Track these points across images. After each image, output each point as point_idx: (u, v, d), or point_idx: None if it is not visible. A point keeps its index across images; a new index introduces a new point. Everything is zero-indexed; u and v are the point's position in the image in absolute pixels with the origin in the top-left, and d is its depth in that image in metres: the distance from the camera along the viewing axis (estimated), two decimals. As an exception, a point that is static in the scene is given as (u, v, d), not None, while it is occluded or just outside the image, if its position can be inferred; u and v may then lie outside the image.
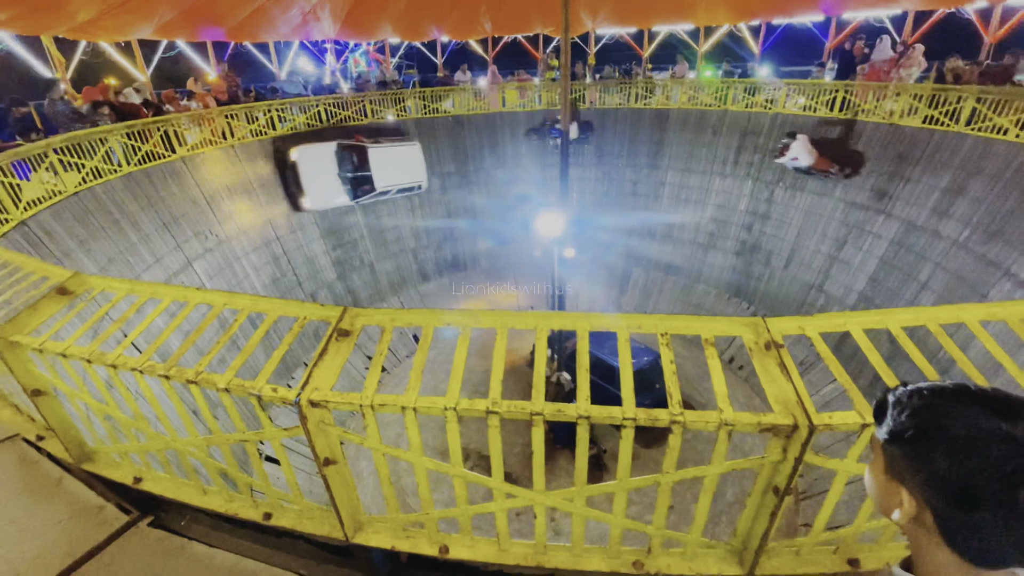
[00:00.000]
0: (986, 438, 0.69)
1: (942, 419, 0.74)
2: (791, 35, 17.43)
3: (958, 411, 0.73)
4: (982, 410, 0.72)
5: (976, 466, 0.69)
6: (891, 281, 10.19)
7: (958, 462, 0.70)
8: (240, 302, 2.17)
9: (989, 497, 0.68)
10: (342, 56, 24.31)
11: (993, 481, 0.68)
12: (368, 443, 1.83)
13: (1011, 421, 0.70)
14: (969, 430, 0.71)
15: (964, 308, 1.83)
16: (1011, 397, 0.74)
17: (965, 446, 0.70)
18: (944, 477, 0.72)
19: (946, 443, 0.72)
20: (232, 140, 10.89)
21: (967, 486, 0.70)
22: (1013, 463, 0.67)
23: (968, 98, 8.97)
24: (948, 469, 0.71)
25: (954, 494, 0.71)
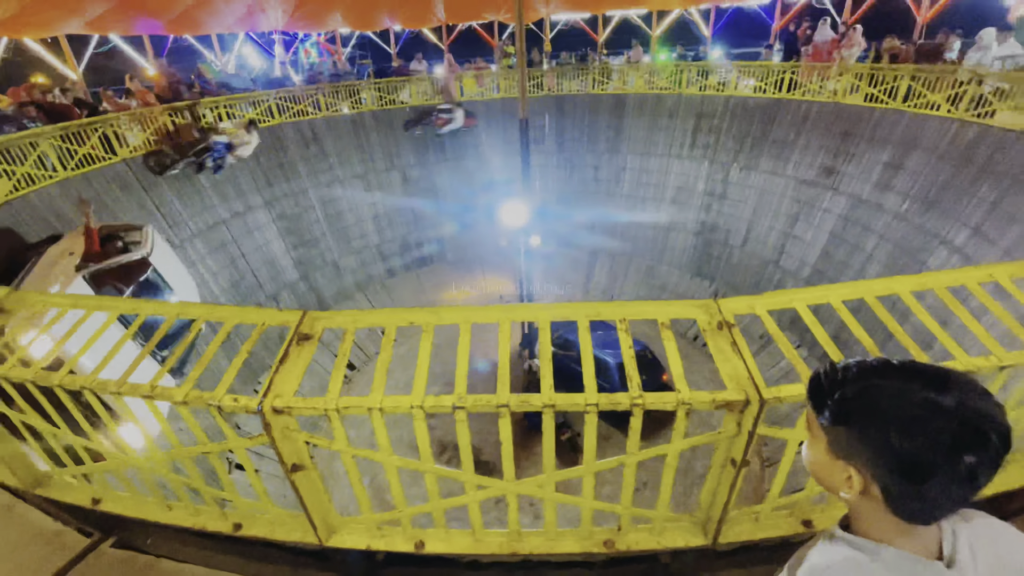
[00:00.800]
0: (925, 413, 0.75)
1: (883, 399, 0.79)
2: (740, 18, 17.85)
3: (896, 389, 0.79)
4: (915, 385, 0.78)
5: (922, 442, 0.74)
6: (841, 253, 10.70)
7: (906, 439, 0.75)
8: (194, 311, 2.10)
9: (936, 468, 0.74)
10: (291, 47, 23.46)
11: (939, 453, 0.74)
12: (336, 446, 1.82)
13: (941, 392, 0.76)
14: (910, 408, 0.76)
15: (897, 280, 1.96)
16: (935, 369, 0.81)
17: (910, 424, 0.76)
18: (893, 454, 0.77)
19: (892, 422, 0.77)
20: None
21: (915, 460, 0.75)
22: (951, 433, 0.73)
23: (904, 76, 9.43)
24: (897, 447, 0.76)
25: (903, 469, 0.77)
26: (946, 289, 1.96)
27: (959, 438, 0.73)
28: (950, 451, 0.73)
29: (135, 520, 2.30)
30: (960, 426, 0.74)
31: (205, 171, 10.43)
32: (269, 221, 12.27)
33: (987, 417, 0.74)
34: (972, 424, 0.74)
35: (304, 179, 12.91)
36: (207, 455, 2.03)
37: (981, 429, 0.73)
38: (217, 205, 11.10)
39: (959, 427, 0.74)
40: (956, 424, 0.74)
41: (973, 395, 0.76)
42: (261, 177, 12.02)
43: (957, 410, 0.74)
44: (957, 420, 0.74)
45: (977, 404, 0.75)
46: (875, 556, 0.85)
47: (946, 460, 0.74)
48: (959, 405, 0.74)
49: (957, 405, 0.74)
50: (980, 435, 0.73)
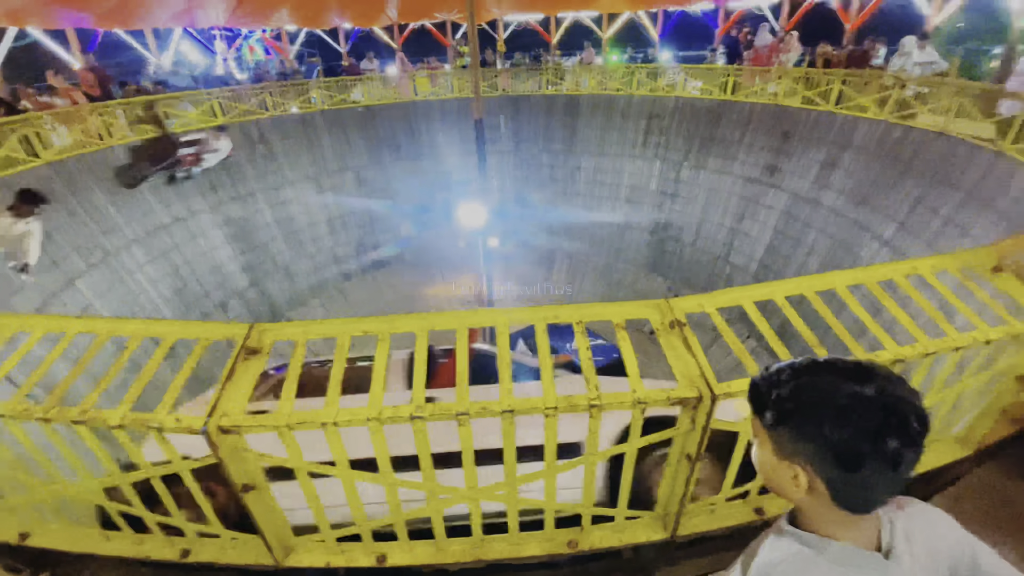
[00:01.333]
0: (852, 403, 0.81)
1: (814, 396, 0.84)
2: (685, 22, 18.46)
3: (824, 385, 0.84)
4: (840, 379, 0.84)
5: (852, 431, 0.80)
6: (784, 248, 11.26)
7: (836, 430, 0.81)
8: (129, 328, 1.97)
9: (866, 454, 0.80)
10: (234, 43, 22.47)
11: (867, 439, 0.79)
12: (289, 463, 1.75)
13: (863, 383, 0.82)
14: (837, 400, 0.82)
15: (834, 275, 2.08)
16: (857, 363, 0.87)
17: (840, 415, 0.81)
18: (829, 446, 0.82)
19: (823, 416, 0.82)
20: (112, 140, 9.74)
21: (848, 449, 0.81)
22: (875, 420, 0.79)
23: (836, 81, 10.03)
24: (831, 438, 0.81)
25: (839, 458, 0.82)
26: (876, 283, 2.10)
27: (883, 424, 0.79)
28: (876, 437, 0.79)
29: (71, 554, 2.13)
30: (883, 413, 0.79)
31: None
32: (215, 226, 11.69)
33: (905, 402, 0.80)
34: (893, 410, 0.80)
35: (251, 182, 12.38)
36: (150, 479, 1.91)
37: (901, 414, 0.79)
38: (157, 210, 10.48)
39: (882, 414, 0.79)
40: (879, 411, 0.80)
41: (891, 384, 0.82)
42: (204, 181, 11.43)
43: (879, 398, 0.80)
44: (879, 408, 0.80)
45: (895, 392, 0.81)
46: (821, 550, 0.90)
47: (873, 446, 0.79)
48: (880, 394, 0.81)
49: (878, 394, 0.81)
50: (901, 420, 0.79)
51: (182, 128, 10.87)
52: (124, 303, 9.45)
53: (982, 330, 1.91)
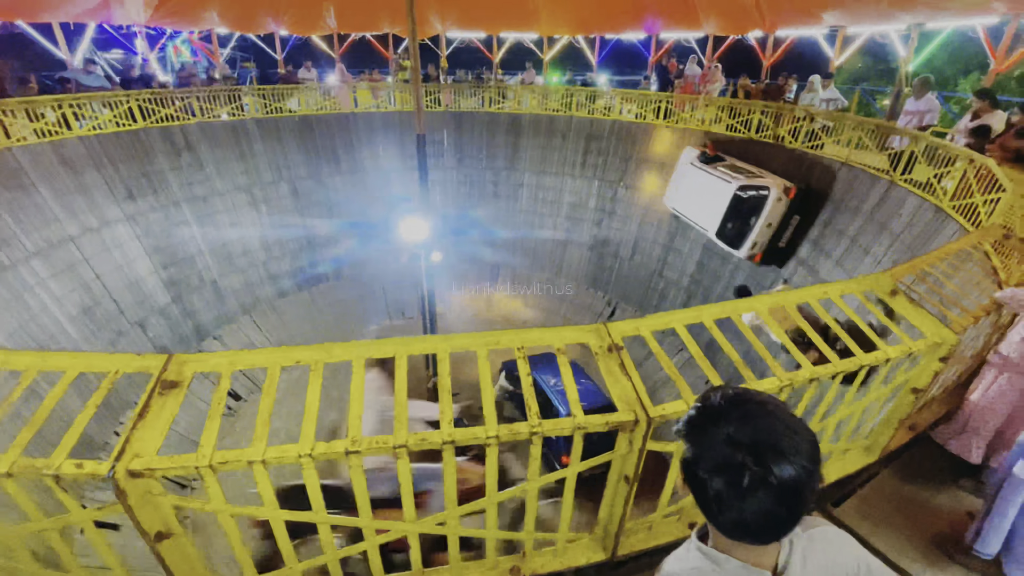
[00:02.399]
0: (714, 442, 0.85)
1: (700, 425, 0.90)
2: (621, 49, 19.40)
3: (712, 420, 0.89)
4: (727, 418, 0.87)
5: (700, 461, 0.87)
6: (713, 263, 11.95)
7: (693, 456, 0.88)
8: (21, 360, 1.76)
9: (703, 483, 0.86)
10: (158, 43, 21.08)
11: (706, 471, 0.85)
12: (211, 507, 1.62)
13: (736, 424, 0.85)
14: (709, 435, 0.87)
15: (757, 300, 2.23)
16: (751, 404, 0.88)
17: (700, 446, 0.88)
18: (684, 466, 0.91)
19: (692, 443, 0.90)
20: (8, 142, 8.78)
21: (694, 475, 0.88)
22: (720, 460, 0.84)
23: (755, 111, 10.87)
24: (686, 460, 0.90)
25: (687, 480, 0.90)
26: (794, 306, 2.27)
27: (718, 464, 0.84)
28: (708, 472, 0.85)
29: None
30: (732, 458, 0.82)
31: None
32: (132, 237, 10.78)
33: (758, 463, 0.80)
34: (739, 460, 0.81)
35: (176, 191, 11.56)
36: (44, 532, 1.70)
37: (737, 467, 0.81)
38: (62, 219, 9.52)
39: (726, 457, 0.83)
40: (730, 455, 0.83)
41: (764, 439, 0.82)
42: (121, 188, 10.55)
43: (740, 445, 0.82)
44: (735, 453, 0.82)
45: (758, 449, 0.81)
46: (719, 566, 0.95)
47: (705, 478, 0.85)
48: (743, 443, 0.82)
49: (741, 442, 0.83)
50: (734, 471, 0.82)
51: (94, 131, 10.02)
52: (20, 323, 8.45)
53: (884, 349, 2.11)
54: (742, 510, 0.82)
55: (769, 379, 1.92)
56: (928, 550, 2.38)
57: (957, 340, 2.22)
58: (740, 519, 0.84)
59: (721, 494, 0.83)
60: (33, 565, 1.77)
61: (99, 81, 12.21)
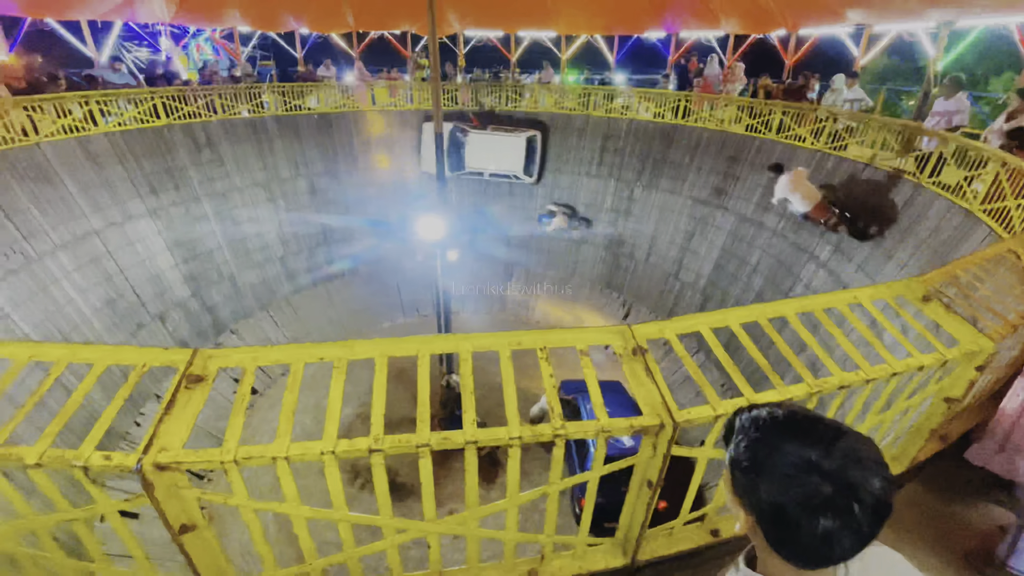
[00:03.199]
0: (801, 474, 0.79)
1: (770, 455, 0.83)
2: (640, 48, 19.24)
3: (783, 447, 0.83)
4: (800, 443, 0.82)
5: (791, 500, 0.79)
6: (731, 266, 11.79)
7: (778, 496, 0.80)
8: (52, 352, 1.79)
9: (799, 525, 0.79)
10: (181, 41, 21.47)
11: (801, 512, 0.78)
12: (234, 501, 1.63)
13: (820, 450, 0.80)
14: (788, 468, 0.80)
15: (785, 303, 2.18)
16: (821, 425, 0.85)
17: (783, 482, 0.80)
18: (766, 506, 0.83)
19: (769, 478, 0.82)
20: (37, 137, 9.00)
21: (779, 515, 0.81)
22: (817, 496, 0.78)
23: (776, 111, 10.69)
24: (769, 502, 0.82)
25: (774, 520, 0.82)
26: (823, 311, 2.21)
27: (823, 502, 0.77)
28: (811, 512, 0.78)
29: (-31, 607, 1.89)
30: (830, 490, 0.77)
31: None
32: (154, 232, 10.98)
33: (857, 487, 0.77)
34: (841, 491, 0.77)
35: (196, 186, 11.75)
36: (72, 522, 1.73)
37: (847, 497, 0.77)
38: (88, 214, 9.73)
39: (828, 491, 0.77)
40: (826, 487, 0.78)
41: (851, 464, 0.79)
42: (144, 184, 10.76)
43: (832, 476, 0.78)
44: (829, 484, 0.78)
45: (851, 474, 0.78)
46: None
47: (808, 520, 0.78)
48: (836, 471, 0.78)
49: (833, 471, 0.78)
50: (845, 503, 0.77)
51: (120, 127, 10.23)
52: (47, 314, 8.66)
53: (916, 357, 2.04)
54: (843, 540, 0.78)
55: (798, 385, 1.88)
56: (958, 564, 2.31)
57: (994, 348, 2.14)
58: (839, 550, 0.79)
59: (824, 532, 0.77)
60: (58, 553, 1.80)
61: (124, 78, 12.47)
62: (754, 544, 0.95)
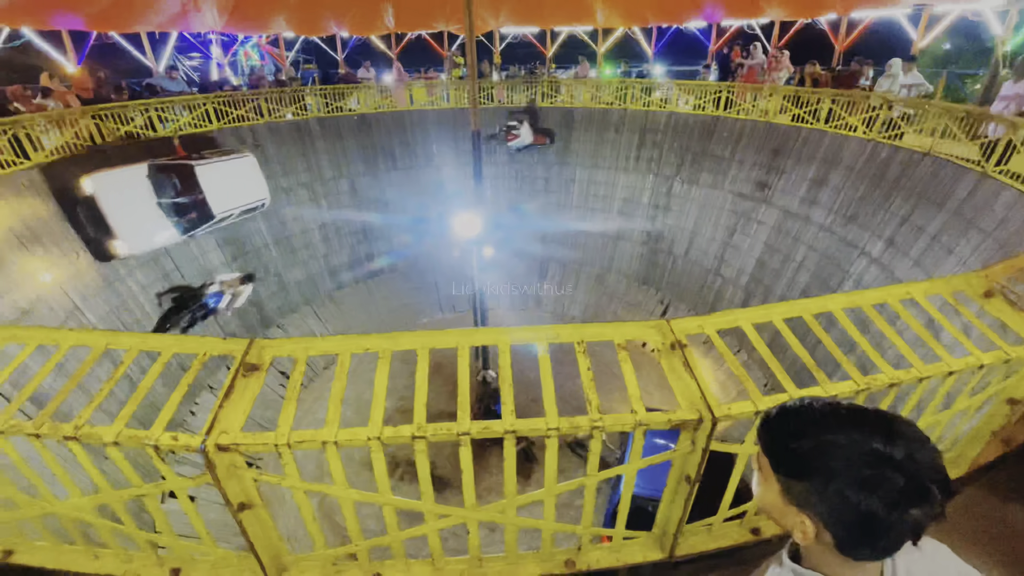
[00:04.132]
0: (877, 471, 0.77)
1: (836, 457, 0.80)
2: (679, 39, 18.76)
3: (847, 445, 0.79)
4: (864, 438, 0.79)
5: (877, 500, 0.76)
6: (774, 262, 11.40)
7: (863, 499, 0.77)
8: (125, 341, 1.95)
9: (891, 524, 0.77)
10: (230, 49, 22.44)
11: (891, 510, 0.76)
12: (287, 482, 1.73)
13: (890, 444, 0.78)
14: (861, 465, 0.78)
15: (830, 299, 2.11)
16: (879, 418, 0.82)
17: (865, 484, 0.77)
18: (849, 510, 0.79)
19: (846, 481, 0.78)
20: (103, 143, 9.64)
21: (871, 518, 0.77)
22: (902, 487, 0.76)
23: (825, 100, 10.23)
24: (852, 503, 0.78)
25: (860, 525, 0.79)
26: (871, 306, 2.13)
27: (907, 493, 0.76)
28: (900, 507, 0.76)
29: (56, 572, 2.08)
30: (908, 481, 0.76)
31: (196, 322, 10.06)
32: (207, 231, 11.57)
33: (931, 469, 0.77)
34: (918, 478, 0.76)
35: (244, 187, 12.30)
36: (142, 497, 1.88)
37: (925, 484, 0.76)
38: (147, 214, 10.36)
39: (907, 482, 0.76)
40: (904, 479, 0.76)
41: (917, 446, 0.78)
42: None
43: (905, 464, 0.76)
44: (905, 475, 0.76)
45: (921, 456, 0.77)
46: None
47: (899, 515, 0.76)
48: (907, 459, 0.77)
49: (905, 459, 0.77)
50: (926, 489, 0.76)
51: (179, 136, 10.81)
52: (112, 308, 9.30)
53: (976, 355, 1.94)
54: (926, 524, 0.77)
55: (845, 382, 1.82)
56: (1020, 575, 2.18)
57: (1065, 348, 2.01)
58: (917, 536, 0.79)
59: (914, 522, 0.77)
60: (132, 525, 1.95)
61: (180, 86, 13.17)
62: (805, 546, 0.92)
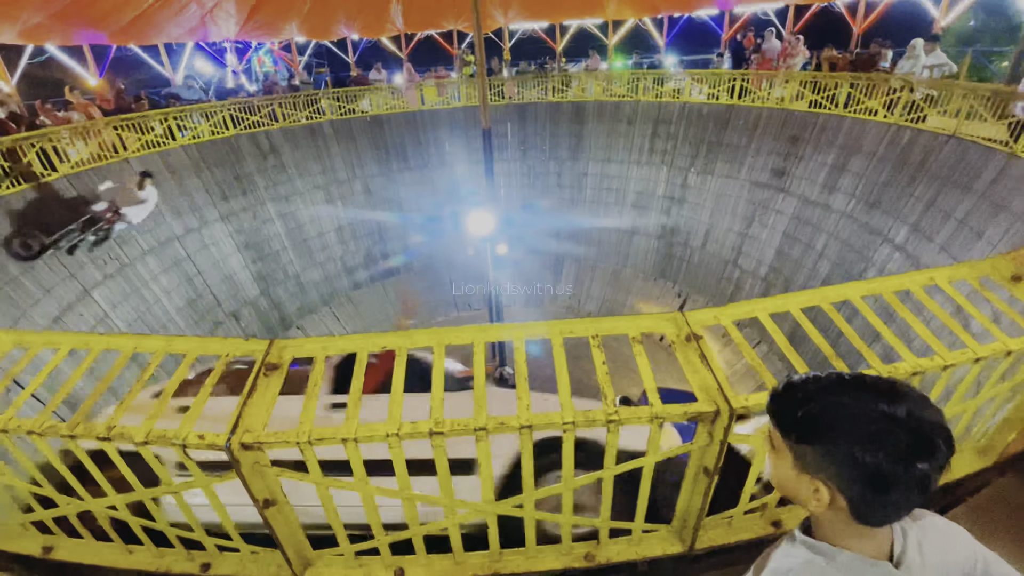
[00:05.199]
0: (883, 427, 0.80)
1: (844, 416, 0.83)
2: (691, 27, 18.49)
3: (854, 405, 0.83)
4: (870, 399, 0.83)
5: (883, 454, 0.79)
6: (794, 252, 11.18)
7: (869, 453, 0.80)
8: (152, 344, 2.01)
9: (897, 477, 0.80)
10: (244, 56, 22.80)
11: (898, 463, 0.79)
12: (309, 479, 1.77)
13: (893, 404, 0.81)
14: (869, 423, 0.81)
15: (849, 287, 2.07)
16: (883, 381, 0.86)
17: (873, 437, 0.80)
18: (858, 468, 0.81)
19: (855, 438, 0.81)
20: (125, 153, 9.91)
21: (879, 472, 0.80)
22: (906, 443, 0.79)
23: (843, 84, 9.99)
24: (861, 460, 0.81)
25: (868, 480, 0.82)
26: (893, 293, 2.09)
27: (913, 448, 0.79)
28: (907, 460, 0.79)
29: (93, 567, 2.17)
30: (913, 436, 0.79)
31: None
32: (226, 235, 11.84)
33: (934, 424, 0.80)
34: (922, 433, 0.79)
35: (262, 191, 12.53)
36: (173, 494, 1.94)
37: (930, 437, 0.79)
38: (170, 220, 10.64)
39: (912, 437, 0.79)
40: (910, 434, 0.79)
41: (919, 405, 0.82)
42: (216, 191, 11.60)
43: (909, 420, 0.80)
44: (910, 430, 0.79)
45: (925, 414, 0.81)
46: (831, 559, 0.90)
47: (905, 469, 0.79)
48: (909, 416, 0.80)
49: (908, 416, 0.80)
50: (930, 443, 0.79)
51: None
52: (138, 313, 9.57)
53: (1003, 340, 1.89)
54: (934, 480, 0.80)
55: (896, 364, 1.79)
56: (1057, 567, 2.12)
57: (1098, 332, 1.94)
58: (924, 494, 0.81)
59: (922, 475, 0.79)
60: (164, 521, 2.02)
61: (197, 94, 13.45)
62: (815, 515, 0.94)
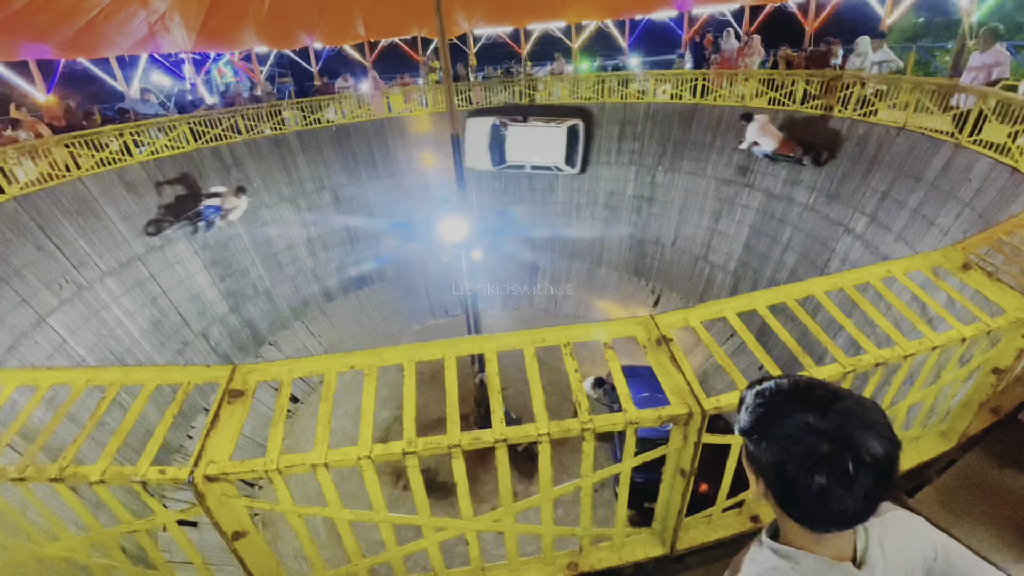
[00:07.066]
0: (797, 435, 0.82)
1: (773, 422, 0.87)
2: (652, 29, 18.85)
3: (785, 413, 0.86)
4: (801, 408, 0.85)
5: (789, 459, 0.82)
6: (761, 245, 11.48)
7: (778, 456, 0.84)
8: (106, 376, 1.91)
9: (796, 482, 0.82)
10: (203, 67, 22.20)
11: (797, 469, 0.81)
12: (280, 507, 1.71)
13: (814, 412, 0.83)
14: (789, 430, 0.84)
15: (812, 283, 2.12)
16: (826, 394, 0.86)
17: (782, 443, 0.84)
18: (769, 468, 0.86)
19: (770, 441, 0.86)
20: (78, 172, 9.50)
21: (780, 473, 0.84)
22: (812, 453, 0.80)
23: (799, 81, 10.32)
24: (771, 462, 0.85)
25: (777, 481, 0.85)
26: (853, 287, 2.15)
27: (818, 459, 0.80)
28: (807, 469, 0.80)
29: (51, 615, 2.05)
30: (826, 447, 0.80)
31: (199, 230, 11.13)
32: (191, 253, 11.45)
33: (852, 443, 0.79)
34: (836, 448, 0.79)
35: (227, 206, 12.18)
36: (134, 533, 1.85)
37: (841, 453, 0.79)
38: (130, 240, 10.23)
39: (823, 448, 0.80)
40: (822, 445, 0.80)
41: (849, 421, 0.81)
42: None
43: (828, 433, 0.80)
44: (827, 442, 0.80)
45: (848, 430, 0.80)
46: (796, 563, 0.92)
47: (804, 477, 0.81)
48: (834, 428, 0.80)
49: (832, 428, 0.80)
50: (838, 459, 0.79)
51: (155, 153, 10.68)
52: (99, 338, 9.16)
53: (958, 328, 1.97)
54: (841, 499, 0.80)
55: (831, 365, 1.84)
56: (1017, 541, 2.21)
57: (1044, 315, 2.04)
58: (838, 509, 0.81)
59: (819, 489, 0.80)
60: (126, 563, 1.92)
61: (154, 108, 13.01)
62: (777, 516, 0.97)
